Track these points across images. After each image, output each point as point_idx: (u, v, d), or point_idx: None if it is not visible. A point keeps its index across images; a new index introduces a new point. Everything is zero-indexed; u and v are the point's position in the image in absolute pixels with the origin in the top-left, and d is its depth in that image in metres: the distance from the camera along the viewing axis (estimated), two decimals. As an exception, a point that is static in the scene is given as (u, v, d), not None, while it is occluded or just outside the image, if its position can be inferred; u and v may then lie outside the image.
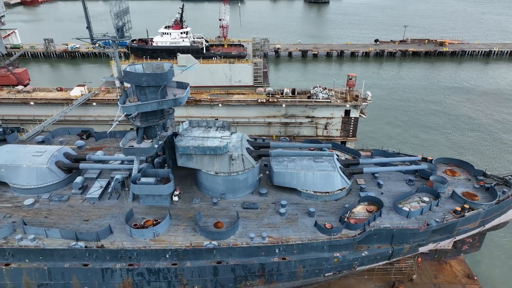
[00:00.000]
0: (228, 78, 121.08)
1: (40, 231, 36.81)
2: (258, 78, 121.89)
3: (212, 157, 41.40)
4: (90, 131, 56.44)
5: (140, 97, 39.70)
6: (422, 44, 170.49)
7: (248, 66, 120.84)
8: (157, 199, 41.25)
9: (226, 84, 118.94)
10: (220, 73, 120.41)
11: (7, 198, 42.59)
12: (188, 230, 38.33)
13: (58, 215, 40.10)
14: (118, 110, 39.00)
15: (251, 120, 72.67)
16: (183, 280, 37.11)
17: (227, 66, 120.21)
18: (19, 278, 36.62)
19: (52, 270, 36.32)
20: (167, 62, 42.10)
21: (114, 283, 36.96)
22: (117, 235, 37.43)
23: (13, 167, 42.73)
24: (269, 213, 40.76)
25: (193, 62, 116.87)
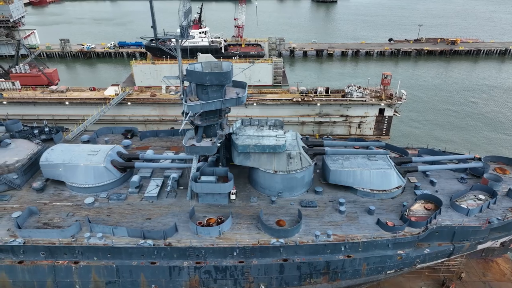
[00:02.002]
0: (248, 78, 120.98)
1: (107, 230, 37.07)
2: (277, 78, 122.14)
3: (270, 155, 41.60)
4: (134, 130, 56.69)
5: (201, 96, 39.89)
6: (436, 43, 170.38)
7: (268, 66, 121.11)
8: (216, 197, 41.49)
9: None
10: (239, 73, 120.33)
11: (66, 197, 42.87)
12: (252, 228, 38.55)
13: (119, 214, 40.36)
14: (185, 108, 38.88)
15: (285, 119, 72.77)
16: (249, 278, 37.34)
17: (246, 66, 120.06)
18: (88, 276, 36.91)
19: (121, 268, 36.61)
20: (227, 62, 42.22)
21: (181, 281, 37.22)
22: (182, 233, 37.67)
23: (71, 166, 43.01)
24: (328, 211, 40.95)
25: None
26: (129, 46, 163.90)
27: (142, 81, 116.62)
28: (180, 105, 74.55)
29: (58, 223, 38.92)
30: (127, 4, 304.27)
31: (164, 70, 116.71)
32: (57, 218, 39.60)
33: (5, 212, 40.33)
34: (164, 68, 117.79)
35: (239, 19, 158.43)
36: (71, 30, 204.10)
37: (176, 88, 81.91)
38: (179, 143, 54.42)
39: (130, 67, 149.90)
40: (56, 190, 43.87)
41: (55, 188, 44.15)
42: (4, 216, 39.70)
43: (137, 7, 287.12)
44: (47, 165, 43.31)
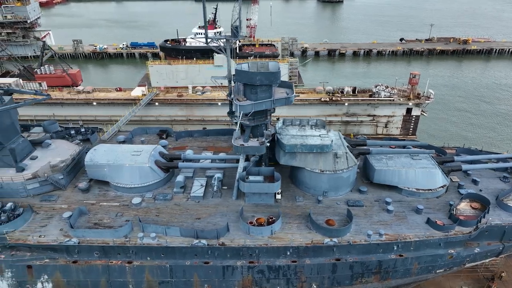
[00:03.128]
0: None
1: (159, 229, 37.18)
2: (293, 78, 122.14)
3: (316, 155, 41.67)
4: (169, 130, 56.80)
5: (250, 96, 39.98)
6: (448, 42, 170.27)
7: (283, 66, 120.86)
8: (263, 197, 41.57)
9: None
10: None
11: (112, 197, 43.00)
12: (302, 227, 38.62)
13: (168, 214, 40.46)
14: (237, 108, 38.81)
15: (312, 119, 72.91)
16: (302, 278, 37.45)
17: None
18: (141, 276, 37.07)
19: (174, 267, 36.75)
20: (274, 61, 42.29)
21: (234, 281, 37.35)
22: (233, 233, 37.74)
23: (116, 166, 43.12)
24: (376, 211, 40.99)
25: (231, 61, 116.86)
26: (141, 46, 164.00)
27: (158, 82, 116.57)
28: (208, 105, 75.16)
29: (109, 223, 39.04)
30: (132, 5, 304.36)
31: (180, 70, 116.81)
32: (106, 218, 39.73)
33: (54, 212, 40.49)
34: (180, 68, 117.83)
35: (252, 19, 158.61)
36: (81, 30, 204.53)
37: (202, 88, 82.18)
38: (215, 143, 54.69)
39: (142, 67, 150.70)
40: (101, 191, 44.00)
41: (99, 189, 44.29)
42: (54, 216, 39.85)
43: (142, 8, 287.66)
44: (92, 166, 43.44)
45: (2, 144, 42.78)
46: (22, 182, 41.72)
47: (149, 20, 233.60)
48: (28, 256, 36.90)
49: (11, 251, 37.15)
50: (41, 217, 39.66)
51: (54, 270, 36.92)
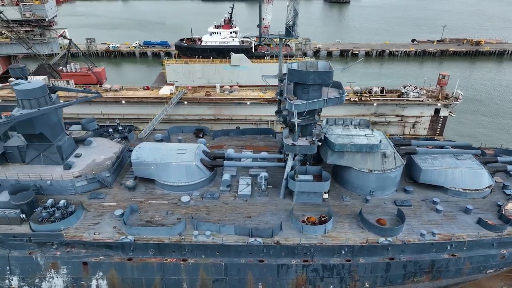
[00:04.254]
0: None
1: (213, 227, 37.30)
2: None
3: (365, 154, 41.79)
4: (205, 129, 56.90)
5: (301, 96, 40.05)
6: (461, 43, 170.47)
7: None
8: (311, 196, 41.68)
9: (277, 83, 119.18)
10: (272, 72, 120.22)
11: (160, 195, 43.10)
12: (354, 226, 38.74)
13: (218, 212, 40.56)
14: (291, 108, 38.67)
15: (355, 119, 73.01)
16: (355, 276, 37.58)
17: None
18: (196, 274, 37.20)
19: (229, 265, 36.85)
20: (324, 62, 42.35)
21: (288, 279, 37.49)
22: (286, 232, 37.86)
23: (163, 165, 43.21)
24: (424, 210, 41.13)
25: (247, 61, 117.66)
26: (154, 45, 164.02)
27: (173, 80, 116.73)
28: (236, 105, 75.17)
29: (160, 221, 39.14)
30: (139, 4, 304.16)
31: (197, 70, 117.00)
32: (157, 216, 39.84)
33: (104, 209, 40.61)
34: (196, 67, 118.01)
35: (265, 19, 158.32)
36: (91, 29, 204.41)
37: (230, 87, 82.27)
38: (252, 142, 54.79)
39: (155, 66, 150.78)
40: (147, 189, 44.11)
41: (145, 187, 44.40)
42: (105, 214, 39.97)
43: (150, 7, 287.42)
44: (139, 164, 43.55)
45: (50, 142, 42.86)
46: (71, 180, 41.83)
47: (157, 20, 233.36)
48: (83, 253, 37.03)
49: (66, 248, 37.27)
50: (92, 215, 39.77)
51: (109, 267, 37.04)
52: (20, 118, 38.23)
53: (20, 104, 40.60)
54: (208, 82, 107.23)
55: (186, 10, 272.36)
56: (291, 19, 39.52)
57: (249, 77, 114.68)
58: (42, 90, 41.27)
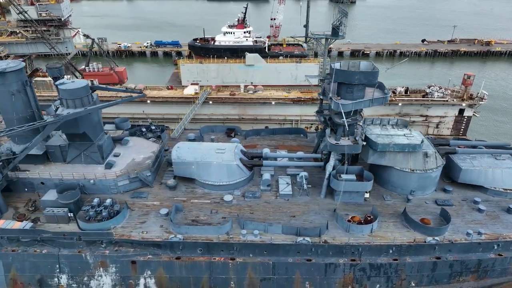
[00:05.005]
0: (294, 78, 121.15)
1: (260, 227, 37.48)
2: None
3: (406, 154, 41.93)
4: (236, 129, 57.05)
5: (345, 95, 40.10)
6: (472, 44, 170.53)
7: (314, 66, 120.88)
8: (353, 196, 41.83)
9: (292, 83, 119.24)
10: (286, 73, 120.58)
11: (201, 195, 43.28)
12: (399, 226, 38.91)
13: (261, 212, 40.74)
14: (337, 107, 38.63)
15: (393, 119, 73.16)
16: (402, 276, 37.73)
17: (293, 66, 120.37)
18: (244, 272, 37.37)
19: (277, 264, 37.01)
20: (367, 62, 42.45)
21: (335, 278, 37.65)
22: (332, 231, 38.04)
23: (204, 164, 43.37)
24: (466, 210, 41.28)
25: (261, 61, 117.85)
26: (165, 45, 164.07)
27: (188, 80, 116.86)
28: (261, 104, 75.26)
29: (206, 220, 39.33)
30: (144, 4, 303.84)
31: (211, 69, 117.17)
32: (202, 215, 40.02)
33: (148, 209, 40.80)
34: (211, 67, 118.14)
35: (277, 19, 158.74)
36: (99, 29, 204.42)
37: (254, 87, 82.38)
38: (284, 141, 54.92)
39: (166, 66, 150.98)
40: (187, 188, 44.28)
41: (185, 186, 44.57)
42: (150, 213, 40.16)
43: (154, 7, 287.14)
44: (179, 163, 43.71)
45: (91, 141, 43.02)
46: (114, 179, 42.01)
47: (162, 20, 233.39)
48: (132, 251, 37.19)
49: (114, 247, 37.45)
50: (137, 214, 39.96)
51: (157, 266, 37.22)
52: (68, 117, 38.40)
53: (65, 103, 40.77)
54: (222, 82, 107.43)
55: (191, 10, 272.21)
56: (338, 19, 39.68)
57: (263, 77, 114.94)
58: (85, 90, 41.50)
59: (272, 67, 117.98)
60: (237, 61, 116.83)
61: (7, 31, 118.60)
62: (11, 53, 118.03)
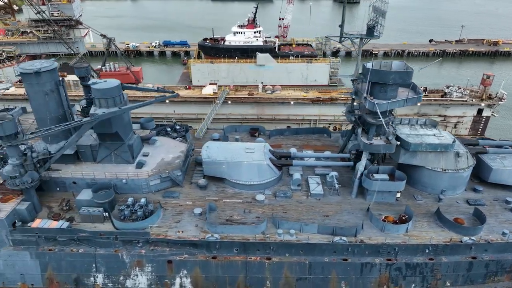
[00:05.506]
0: (304, 78, 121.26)
1: (296, 226, 37.52)
2: (333, 78, 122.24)
3: (437, 154, 41.97)
4: (260, 128, 57.07)
5: (378, 95, 40.12)
6: (480, 44, 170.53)
7: (325, 66, 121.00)
8: (385, 196, 41.83)
9: (302, 83, 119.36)
10: (297, 73, 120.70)
11: (232, 194, 43.31)
12: (432, 225, 38.94)
13: (294, 211, 40.77)
14: (372, 107, 38.61)
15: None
16: (437, 275, 37.75)
17: (304, 66, 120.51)
18: (280, 272, 37.39)
19: (313, 264, 37.06)
20: (399, 61, 42.50)
21: (371, 278, 37.67)
22: (367, 231, 38.06)
23: (235, 164, 43.42)
24: (499, 210, 41.30)
25: (272, 61, 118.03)
26: (173, 45, 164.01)
27: (199, 80, 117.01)
28: (280, 104, 75.28)
29: (240, 219, 39.36)
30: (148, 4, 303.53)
31: (222, 69, 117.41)
32: (235, 214, 40.05)
33: (181, 208, 40.84)
34: (222, 67, 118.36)
35: (285, 19, 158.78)
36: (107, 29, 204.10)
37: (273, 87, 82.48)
38: (308, 141, 54.95)
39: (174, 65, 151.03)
40: (218, 187, 44.31)
41: (215, 185, 44.60)
42: (184, 212, 40.20)
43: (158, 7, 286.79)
44: (210, 162, 43.76)
45: (122, 141, 43.06)
46: (146, 179, 42.06)
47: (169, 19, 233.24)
48: (168, 251, 37.22)
49: (150, 246, 37.48)
50: (170, 213, 39.99)
51: (193, 265, 37.26)
52: (104, 116, 38.48)
53: (97, 103, 40.82)
54: (233, 82, 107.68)
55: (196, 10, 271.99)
56: (373, 19, 39.71)
57: (274, 77, 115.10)
58: (118, 89, 41.60)
59: (283, 67, 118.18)
60: (248, 61, 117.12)
61: (19, 31, 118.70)
62: (23, 53, 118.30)
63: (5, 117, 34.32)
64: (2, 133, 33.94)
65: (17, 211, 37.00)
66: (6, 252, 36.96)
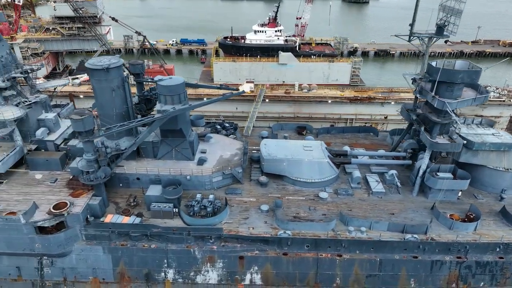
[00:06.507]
0: (326, 77, 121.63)
1: (365, 223, 37.73)
2: (354, 77, 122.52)
3: (499, 153, 42.14)
4: (307, 127, 57.28)
5: (443, 94, 40.24)
6: (496, 45, 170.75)
7: (347, 65, 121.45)
8: (447, 194, 42.01)
9: (323, 82, 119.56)
10: (318, 72, 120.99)
11: (294, 191, 43.48)
12: (499, 224, 39.17)
13: (359, 209, 40.98)
14: (443, 106, 38.52)
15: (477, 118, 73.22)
16: (506, 274, 37.98)
17: (326, 65, 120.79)
18: (350, 269, 37.63)
19: (384, 261, 37.26)
20: (463, 61, 42.65)
21: (441, 275, 37.89)
22: (435, 228, 38.26)
23: (295, 161, 43.64)
24: (561, 209, 41.48)
25: (294, 60, 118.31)
26: (191, 43, 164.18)
27: (220, 79, 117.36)
28: (317, 103, 75.43)
29: (307, 216, 39.57)
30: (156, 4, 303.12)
31: (244, 68, 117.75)
32: (301, 212, 40.26)
33: (245, 205, 41.03)
34: (243, 66, 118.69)
35: (303, 18, 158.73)
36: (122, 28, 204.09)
37: (309, 86, 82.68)
38: (356, 139, 55.13)
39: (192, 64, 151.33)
40: (278, 185, 44.51)
41: (275, 183, 44.78)
42: (250, 209, 40.39)
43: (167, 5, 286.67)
44: (270, 160, 43.93)
45: (184, 137, 43.23)
46: (210, 175, 42.26)
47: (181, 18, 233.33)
48: (239, 247, 37.44)
49: (220, 242, 37.69)
50: (237, 210, 40.18)
51: (265, 261, 37.47)
52: (175, 113, 38.69)
53: (163, 100, 40.95)
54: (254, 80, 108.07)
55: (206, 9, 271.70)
56: (444, 18, 39.80)
57: (296, 76, 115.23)
58: (182, 87, 41.72)
59: (305, 66, 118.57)
60: (270, 60, 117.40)
61: (42, 28, 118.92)
62: (46, 49, 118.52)
63: (85, 113, 34.52)
64: (82, 128, 34.19)
65: (90, 206, 37.21)
66: (79, 247, 37.17)
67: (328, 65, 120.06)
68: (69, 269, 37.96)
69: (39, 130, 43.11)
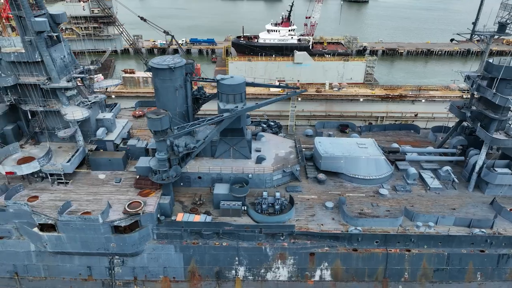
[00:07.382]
0: (340, 76, 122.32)
1: (432, 218, 38.35)
2: (369, 76, 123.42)
3: (552, 152, 43.06)
4: (349, 124, 57.81)
5: (502, 91, 40.93)
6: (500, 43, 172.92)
7: (361, 64, 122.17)
8: (504, 189, 42.75)
9: (338, 81, 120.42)
10: (333, 71, 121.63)
11: (353, 188, 43.95)
12: (556, 219, 40.05)
13: (420, 204, 41.56)
14: (503, 103, 39.25)
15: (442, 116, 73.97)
16: None
17: (340, 64, 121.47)
18: (418, 263, 38.22)
19: (451, 255, 37.92)
20: None
21: (507, 269, 38.66)
22: (498, 222, 38.96)
23: (353, 159, 44.14)
24: None
25: (310, 59, 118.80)
26: (200, 43, 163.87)
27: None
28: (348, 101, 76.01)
29: (371, 212, 40.08)
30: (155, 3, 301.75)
31: (259, 67, 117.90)
32: (365, 208, 40.74)
33: (309, 202, 41.40)
34: (259, 65, 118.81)
35: (313, 18, 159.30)
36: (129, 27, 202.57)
37: (339, 84, 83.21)
38: (400, 137, 55.80)
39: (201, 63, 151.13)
40: (335, 182, 44.96)
41: (332, 180, 45.22)
42: (314, 206, 40.78)
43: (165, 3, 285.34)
44: (328, 158, 44.36)
45: (242, 136, 43.47)
46: (270, 173, 42.56)
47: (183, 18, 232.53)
48: (309, 244, 37.82)
49: (291, 239, 38.04)
50: (301, 207, 40.54)
51: (335, 258, 37.92)
52: (243, 111, 38.98)
53: (224, 98, 41.14)
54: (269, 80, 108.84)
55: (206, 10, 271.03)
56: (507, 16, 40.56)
57: (310, 75, 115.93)
58: (243, 86, 41.97)
59: (320, 65, 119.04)
60: (285, 59, 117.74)
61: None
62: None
63: (162, 112, 34.61)
64: (160, 127, 34.28)
65: (161, 205, 37.29)
66: (151, 246, 37.25)
67: (343, 64, 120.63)
68: (140, 268, 38.03)
69: (99, 130, 43.03)
